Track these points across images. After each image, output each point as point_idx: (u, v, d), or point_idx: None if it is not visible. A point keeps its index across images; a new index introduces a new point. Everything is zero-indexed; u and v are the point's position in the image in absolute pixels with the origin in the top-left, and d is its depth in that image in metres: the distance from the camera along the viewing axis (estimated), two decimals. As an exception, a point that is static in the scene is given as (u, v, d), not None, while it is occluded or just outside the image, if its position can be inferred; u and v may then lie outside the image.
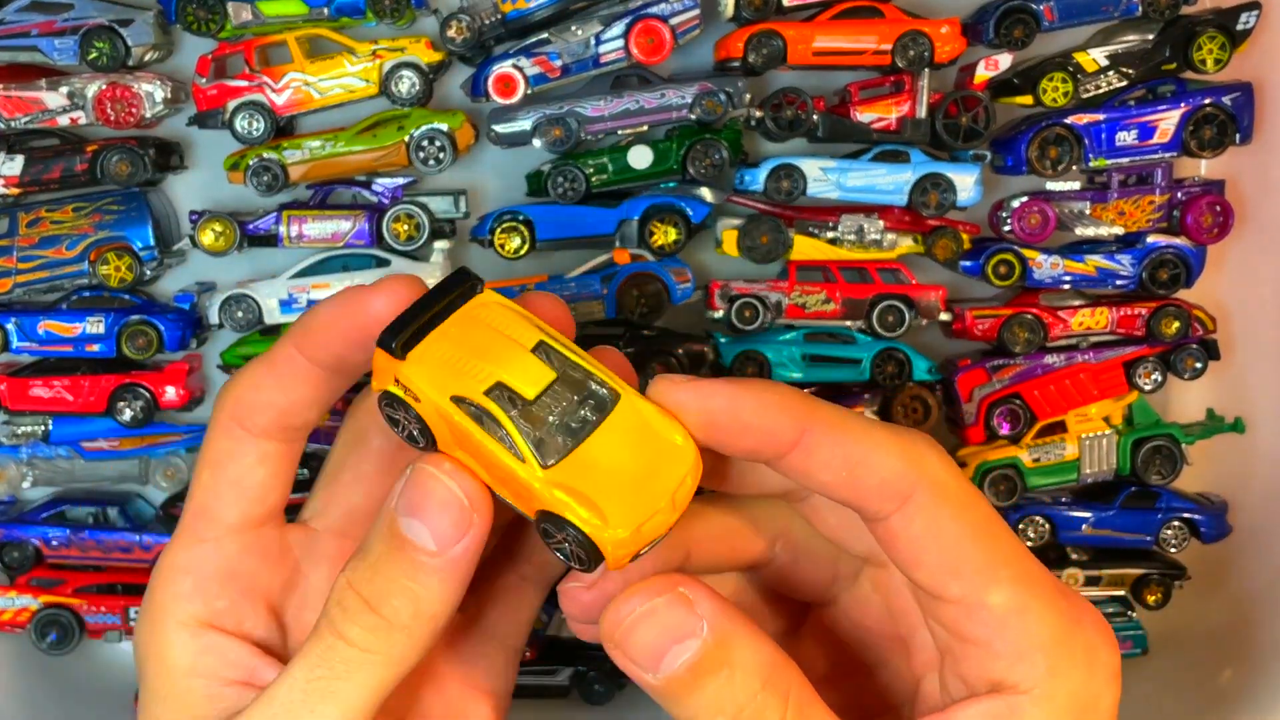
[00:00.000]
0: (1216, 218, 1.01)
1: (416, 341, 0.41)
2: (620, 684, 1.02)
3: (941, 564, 0.41)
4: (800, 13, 0.99)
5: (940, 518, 0.41)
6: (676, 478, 0.40)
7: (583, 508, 0.39)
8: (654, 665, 0.40)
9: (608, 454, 0.40)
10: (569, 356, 0.42)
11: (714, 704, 0.40)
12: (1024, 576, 0.41)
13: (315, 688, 0.42)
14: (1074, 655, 0.41)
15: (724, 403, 0.41)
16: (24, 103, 0.97)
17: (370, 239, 1.00)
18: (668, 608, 0.40)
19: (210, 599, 0.47)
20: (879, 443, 0.41)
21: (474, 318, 0.42)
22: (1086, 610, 0.43)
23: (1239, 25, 0.97)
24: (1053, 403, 1.03)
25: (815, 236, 1.02)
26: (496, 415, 0.40)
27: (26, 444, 1.03)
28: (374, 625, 0.42)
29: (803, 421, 0.41)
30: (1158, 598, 1.04)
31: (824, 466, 0.41)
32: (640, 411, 0.41)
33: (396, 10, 0.97)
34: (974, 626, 0.41)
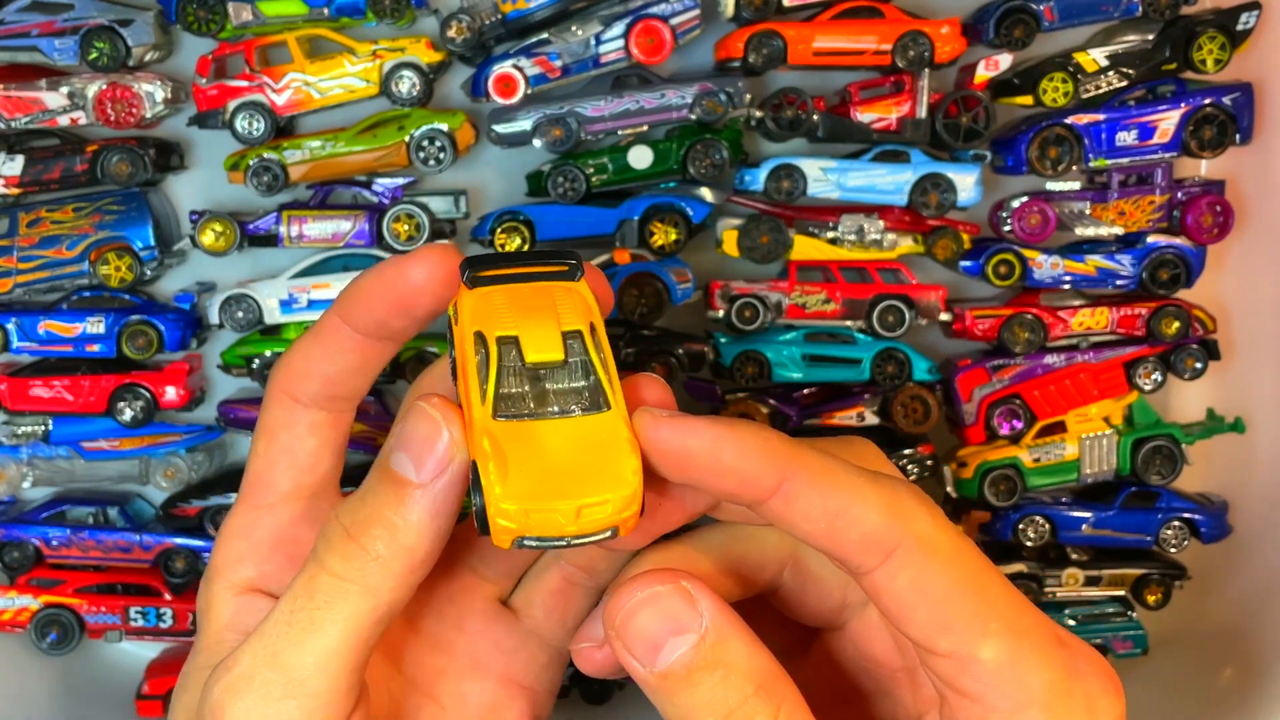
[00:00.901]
0: (1217, 218, 1.01)
1: (486, 282, 0.43)
2: (620, 684, 1.02)
3: (930, 619, 0.40)
4: (800, 13, 0.99)
5: (926, 573, 0.40)
6: (599, 498, 0.39)
7: (495, 465, 0.39)
8: (651, 657, 0.40)
9: (556, 443, 0.40)
10: (591, 355, 0.42)
11: (706, 704, 0.40)
12: (1017, 628, 0.40)
13: (299, 619, 0.43)
14: (1072, 708, 0.41)
15: (704, 444, 0.40)
16: (24, 103, 0.97)
17: (370, 239, 1.00)
18: (669, 596, 0.40)
19: (260, 562, 0.49)
20: (862, 494, 0.40)
21: (546, 288, 0.43)
22: (1087, 658, 0.42)
23: (1239, 25, 0.97)
24: (1053, 403, 1.03)
25: (815, 236, 1.02)
26: (490, 357, 0.41)
27: (26, 444, 1.03)
28: (351, 553, 0.42)
29: (783, 468, 0.40)
30: (1158, 598, 1.04)
31: (804, 516, 0.40)
32: (614, 432, 0.41)
33: (396, 10, 0.97)
34: (967, 681, 0.40)
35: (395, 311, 0.45)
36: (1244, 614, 1.00)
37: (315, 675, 0.42)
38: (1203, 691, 0.96)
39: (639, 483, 0.40)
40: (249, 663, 0.43)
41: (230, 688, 0.43)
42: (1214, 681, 0.97)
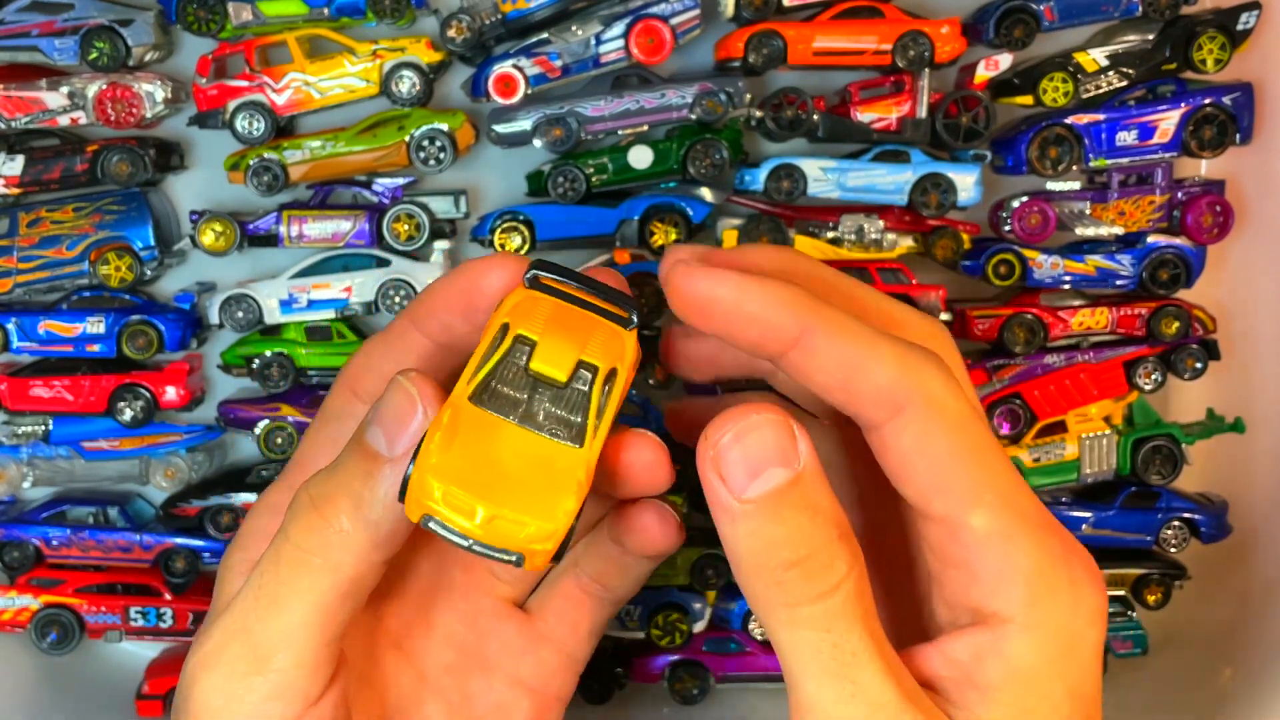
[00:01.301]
0: (1217, 218, 1.01)
1: (543, 289, 0.43)
2: (621, 683, 1.02)
3: (927, 481, 0.41)
4: (800, 13, 0.99)
5: (930, 433, 0.41)
6: (518, 517, 0.39)
7: (441, 436, 0.39)
8: (745, 482, 0.39)
9: (512, 449, 0.40)
10: (593, 395, 0.41)
11: (789, 538, 0.39)
12: (1011, 503, 0.41)
13: (265, 593, 0.43)
14: (1056, 589, 0.41)
15: (730, 292, 0.41)
16: (24, 103, 0.97)
17: (370, 239, 1.00)
18: (774, 427, 0.40)
19: None
20: (878, 351, 0.41)
21: (594, 320, 0.43)
22: (1075, 548, 0.43)
23: (1239, 25, 0.97)
24: (1053, 403, 1.03)
25: (815, 236, 1.02)
26: (500, 348, 0.41)
27: (26, 444, 1.03)
28: (314, 525, 0.42)
29: (805, 319, 0.41)
30: (1158, 598, 1.04)
31: (821, 368, 0.41)
32: (571, 467, 0.40)
33: (396, 10, 0.97)
34: (956, 548, 0.41)
35: (462, 315, 0.46)
36: (1244, 614, 1.00)
37: (281, 651, 0.42)
38: (1203, 691, 0.96)
39: (565, 526, 0.39)
40: (219, 637, 0.43)
41: (202, 661, 0.43)
42: (1214, 681, 0.97)
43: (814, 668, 0.39)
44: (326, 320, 1.02)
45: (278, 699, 0.43)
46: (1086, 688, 0.42)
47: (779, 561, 0.39)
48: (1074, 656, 0.41)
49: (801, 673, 0.40)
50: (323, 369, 1.02)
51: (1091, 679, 0.42)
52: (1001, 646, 0.40)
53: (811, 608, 0.39)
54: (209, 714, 0.43)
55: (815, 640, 0.39)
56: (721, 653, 1.03)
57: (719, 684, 1.03)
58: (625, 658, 1.02)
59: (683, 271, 0.42)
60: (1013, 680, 0.40)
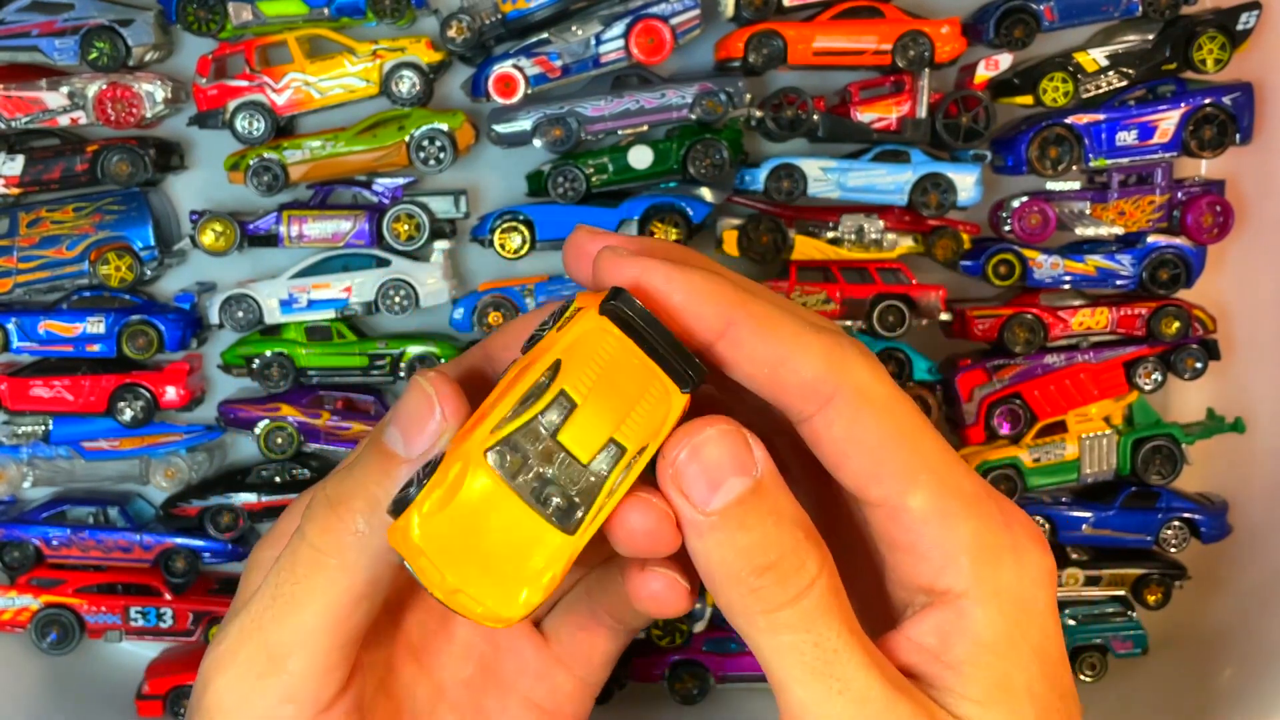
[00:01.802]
0: (1217, 218, 1.01)
1: (617, 321, 0.41)
2: (621, 683, 1.02)
3: (862, 468, 0.41)
4: (800, 13, 0.99)
5: (860, 422, 0.41)
6: (477, 598, 0.39)
7: (436, 498, 0.39)
8: (708, 496, 0.40)
9: (502, 523, 0.39)
10: (609, 479, 0.40)
11: (757, 545, 0.40)
12: (945, 481, 0.41)
13: (281, 593, 0.42)
14: (1000, 556, 0.42)
15: (657, 283, 0.41)
16: (24, 103, 0.97)
17: (370, 239, 1.00)
18: (729, 438, 0.40)
19: None
20: (803, 343, 0.41)
21: (650, 379, 0.41)
22: (1015, 514, 0.43)
23: (1239, 25, 0.97)
24: (1053, 403, 1.03)
25: (815, 236, 1.02)
26: (540, 400, 0.40)
27: (27, 444, 1.03)
28: (330, 525, 0.42)
29: (729, 312, 0.41)
30: (1158, 598, 1.04)
31: (748, 361, 0.41)
32: (552, 558, 0.40)
33: (396, 10, 0.97)
34: (898, 531, 0.42)
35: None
36: (1244, 614, 1.00)
37: (295, 653, 0.42)
38: (1203, 691, 0.96)
39: (521, 614, 0.39)
40: (235, 637, 0.43)
41: (216, 662, 0.43)
42: (1214, 681, 0.97)
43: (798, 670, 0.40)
44: (326, 320, 1.02)
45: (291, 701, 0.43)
46: (1050, 648, 0.42)
47: (751, 568, 0.40)
48: (1030, 619, 0.42)
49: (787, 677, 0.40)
50: (323, 369, 1.02)
51: (1053, 639, 0.43)
52: (962, 623, 0.41)
53: (789, 610, 0.40)
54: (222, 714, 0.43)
55: (797, 642, 0.40)
56: (721, 653, 1.03)
57: (719, 684, 1.03)
58: (625, 658, 1.02)
59: (610, 258, 0.42)
60: (981, 651, 0.41)
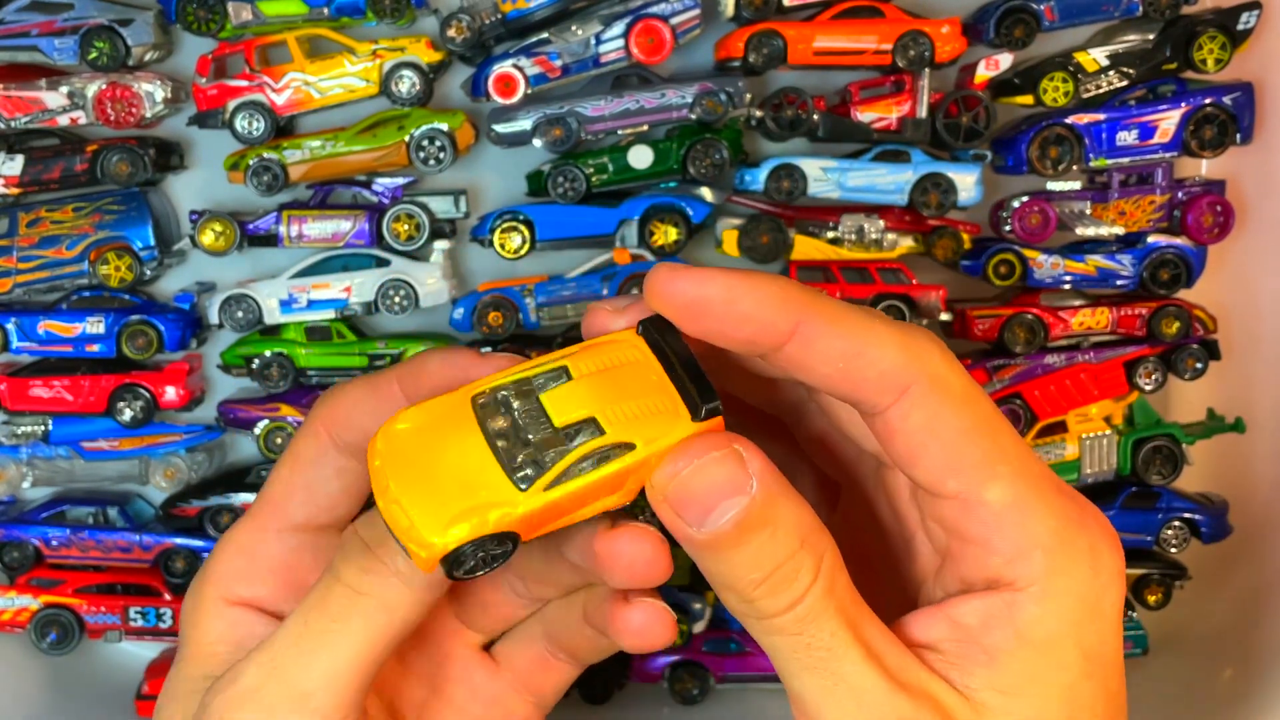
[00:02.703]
0: (1217, 218, 1.01)
1: (648, 339, 0.42)
2: (620, 683, 1.02)
3: (939, 459, 0.41)
4: (800, 13, 0.99)
5: (939, 412, 0.40)
6: (405, 507, 0.39)
7: (411, 414, 0.41)
8: (701, 519, 0.39)
9: (463, 457, 0.40)
10: (574, 453, 0.40)
11: (753, 560, 0.40)
12: (1024, 473, 0.41)
13: (310, 632, 0.42)
14: (1076, 554, 0.41)
15: (719, 291, 0.41)
16: (24, 103, 0.97)
17: (370, 239, 1.00)
18: (722, 463, 0.40)
19: (256, 583, 0.49)
20: (877, 335, 0.41)
21: (660, 391, 0.41)
22: (1090, 511, 0.42)
23: (1239, 25, 0.97)
24: (1053, 403, 1.03)
25: (816, 236, 1.02)
26: (541, 366, 0.41)
27: (26, 444, 1.03)
28: (369, 566, 0.42)
29: (799, 313, 0.40)
30: (1158, 598, 1.04)
31: (821, 358, 0.41)
32: (500, 502, 0.39)
33: (396, 10, 0.97)
34: (972, 524, 0.41)
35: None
36: (1244, 614, 1.00)
37: (322, 692, 0.42)
38: (1203, 691, 0.96)
39: (441, 547, 0.39)
40: (254, 676, 0.43)
41: (232, 701, 0.43)
42: (1214, 681, 0.97)
43: (795, 666, 0.40)
44: (326, 320, 1.02)
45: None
46: (1107, 649, 0.42)
47: (746, 582, 0.40)
48: (1095, 618, 0.41)
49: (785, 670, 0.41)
50: (323, 369, 1.02)
51: (1113, 640, 0.42)
52: (1014, 613, 0.40)
53: (783, 618, 0.40)
54: None
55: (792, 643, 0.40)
56: (721, 653, 1.03)
57: (719, 684, 1.03)
58: (625, 658, 1.02)
59: (666, 275, 0.41)
60: (1023, 645, 0.40)
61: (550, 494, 0.39)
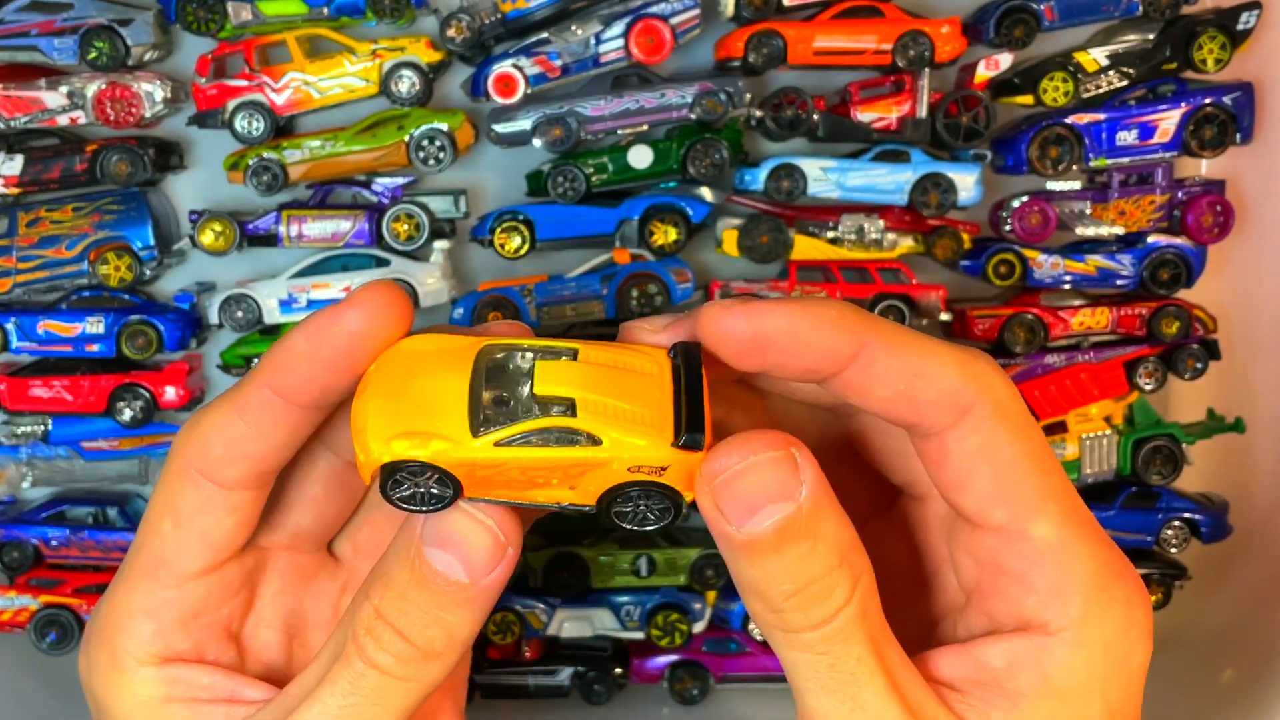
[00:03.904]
0: (1217, 218, 1.01)
1: (674, 366, 0.42)
2: (620, 683, 1.02)
3: (989, 488, 0.40)
4: (800, 12, 0.99)
5: (996, 436, 0.40)
6: (369, 410, 0.39)
7: (420, 339, 0.42)
8: (743, 519, 0.39)
9: (441, 386, 0.40)
10: (535, 421, 0.39)
11: (790, 570, 0.39)
12: (1071, 514, 0.40)
13: (347, 714, 0.42)
14: (1111, 604, 0.40)
15: (780, 323, 0.40)
16: (24, 102, 0.97)
17: (370, 239, 1.00)
18: (776, 465, 0.39)
19: (172, 642, 0.45)
20: (938, 356, 0.40)
21: (659, 410, 0.40)
22: (1129, 566, 0.42)
23: (1239, 25, 0.97)
24: (1053, 403, 1.03)
25: (815, 236, 1.02)
26: (553, 341, 0.42)
27: (26, 444, 1.03)
28: (409, 655, 0.42)
29: (860, 335, 0.40)
30: (1158, 598, 1.04)
31: (882, 381, 0.40)
32: (446, 433, 0.39)
33: (396, 10, 0.97)
34: (1012, 558, 0.40)
35: (335, 372, 0.41)
36: (1244, 614, 1.00)
37: None
38: (1203, 691, 0.96)
39: (376, 454, 0.39)
40: None
41: None
42: (1214, 681, 0.97)
43: (813, 685, 0.40)
44: (326, 320, 1.02)
45: None
46: (1129, 707, 0.41)
47: (779, 592, 0.39)
48: (1123, 673, 0.41)
49: (803, 688, 0.40)
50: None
51: (1136, 698, 0.41)
52: (1042, 657, 0.40)
53: (810, 634, 0.39)
54: None
55: (814, 660, 0.39)
56: (721, 653, 1.03)
57: (719, 684, 1.03)
58: (625, 658, 1.02)
59: (721, 312, 0.41)
60: (1047, 692, 0.40)
61: (498, 452, 0.39)
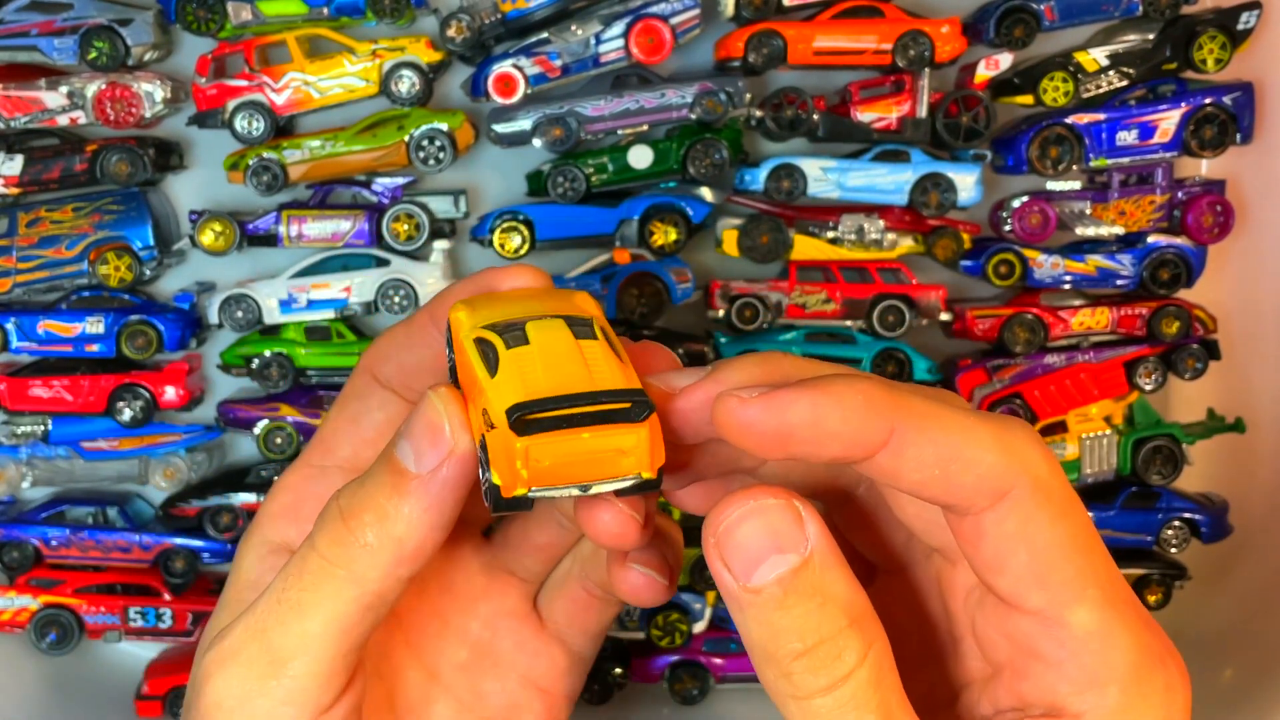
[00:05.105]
0: (1217, 218, 1.01)
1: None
2: (620, 683, 1.02)
3: (1027, 572, 0.38)
4: (800, 12, 0.99)
5: (1036, 519, 0.38)
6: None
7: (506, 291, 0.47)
8: (748, 571, 0.37)
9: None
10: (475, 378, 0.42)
11: (796, 628, 0.37)
12: (1114, 600, 0.39)
13: (288, 598, 0.43)
14: (1150, 696, 0.38)
15: (804, 414, 0.37)
16: (24, 102, 0.97)
17: (370, 239, 1.00)
18: (778, 511, 0.37)
19: (301, 521, 0.48)
20: (974, 436, 0.38)
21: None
22: (1170, 649, 0.40)
23: (1239, 25, 0.97)
24: (1053, 403, 1.03)
25: (815, 236, 1.02)
26: (580, 325, 0.43)
27: (26, 444, 1.03)
28: (340, 537, 0.42)
29: (891, 419, 0.37)
30: (1158, 598, 1.04)
31: (916, 465, 0.38)
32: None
33: (396, 10, 0.97)
34: (1048, 644, 0.38)
35: None
36: (1244, 614, 1.00)
37: (298, 657, 0.42)
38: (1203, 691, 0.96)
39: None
40: (238, 636, 0.43)
41: (218, 658, 0.43)
42: (1214, 681, 0.97)
43: None
44: (326, 320, 1.02)
45: (290, 704, 0.42)
46: None
47: (787, 652, 0.37)
48: None
49: None
50: (322, 369, 1.02)
51: None
52: None
53: (821, 700, 0.38)
54: (221, 713, 0.43)
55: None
56: (721, 653, 1.03)
57: (719, 685, 1.03)
58: (625, 658, 1.02)
59: (738, 406, 0.38)
60: None
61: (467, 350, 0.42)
